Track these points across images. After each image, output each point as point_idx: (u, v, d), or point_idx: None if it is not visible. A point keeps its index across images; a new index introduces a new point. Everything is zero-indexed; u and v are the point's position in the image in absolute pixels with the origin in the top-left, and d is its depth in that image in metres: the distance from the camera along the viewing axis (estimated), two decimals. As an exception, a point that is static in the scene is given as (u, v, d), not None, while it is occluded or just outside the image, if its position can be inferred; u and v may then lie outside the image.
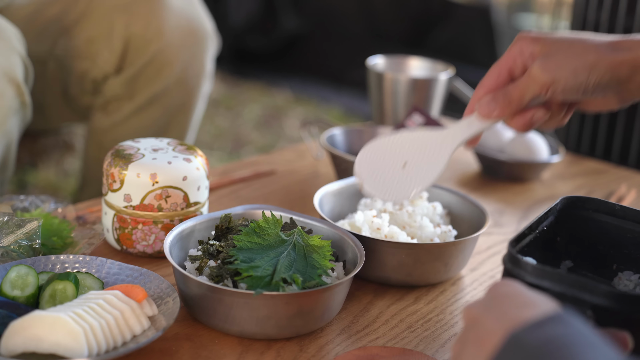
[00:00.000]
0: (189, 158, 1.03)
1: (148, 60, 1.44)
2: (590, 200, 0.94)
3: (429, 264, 1.00)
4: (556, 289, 0.75)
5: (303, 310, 0.87)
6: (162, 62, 1.45)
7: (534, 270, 0.77)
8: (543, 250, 0.89)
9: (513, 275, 0.79)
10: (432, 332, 0.94)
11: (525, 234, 0.87)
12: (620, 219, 0.93)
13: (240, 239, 0.91)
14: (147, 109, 1.48)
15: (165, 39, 1.43)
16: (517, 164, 1.39)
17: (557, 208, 0.93)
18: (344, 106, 3.39)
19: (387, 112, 1.48)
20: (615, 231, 0.93)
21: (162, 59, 1.44)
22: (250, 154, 2.85)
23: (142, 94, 1.47)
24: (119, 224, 1.02)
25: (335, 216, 1.12)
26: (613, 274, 0.93)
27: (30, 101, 1.26)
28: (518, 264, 0.78)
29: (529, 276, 0.77)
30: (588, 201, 0.94)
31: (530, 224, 0.88)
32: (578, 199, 0.94)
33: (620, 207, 0.93)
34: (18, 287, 0.85)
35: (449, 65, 1.52)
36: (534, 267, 0.77)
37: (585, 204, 0.94)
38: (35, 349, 0.78)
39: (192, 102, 1.52)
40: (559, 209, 0.93)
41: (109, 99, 1.47)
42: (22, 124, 1.28)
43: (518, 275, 0.78)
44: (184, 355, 0.85)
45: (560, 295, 0.74)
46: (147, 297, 0.86)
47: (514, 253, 0.79)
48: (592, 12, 1.61)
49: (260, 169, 1.37)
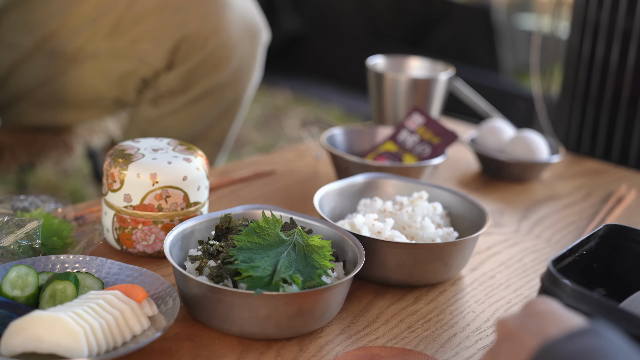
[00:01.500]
0: (189, 158, 1.03)
1: (205, 56, 1.45)
2: (633, 231, 0.93)
3: (429, 264, 1.00)
4: (593, 314, 0.74)
5: (303, 310, 0.87)
6: (220, 57, 1.46)
7: (572, 292, 0.76)
8: (578, 275, 0.88)
9: (550, 294, 0.78)
10: (432, 332, 0.94)
11: (566, 255, 0.86)
12: None
13: (240, 239, 0.91)
14: (200, 101, 1.50)
15: (223, 35, 1.45)
16: (517, 164, 1.39)
17: (600, 234, 0.92)
18: (344, 106, 3.39)
19: (387, 112, 1.48)
20: None
21: (219, 54, 1.46)
22: (250, 154, 2.85)
23: (196, 88, 1.48)
24: (119, 224, 1.02)
25: (335, 216, 1.12)
26: None
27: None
28: (557, 284, 0.78)
29: (567, 297, 0.77)
30: (631, 232, 0.93)
31: (572, 246, 0.87)
32: (622, 228, 0.93)
33: None
34: (18, 287, 0.85)
35: (449, 65, 1.52)
36: (572, 289, 0.76)
37: (629, 234, 0.93)
38: (35, 349, 0.78)
39: (243, 94, 1.55)
40: (601, 235, 0.92)
41: (162, 93, 1.49)
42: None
43: (555, 295, 0.78)
44: (184, 355, 0.85)
45: None
46: (147, 297, 0.86)
47: (554, 272, 0.79)
48: (592, 12, 1.61)
49: (260, 169, 1.37)
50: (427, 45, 3.51)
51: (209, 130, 1.53)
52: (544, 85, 1.70)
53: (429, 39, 3.54)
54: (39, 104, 1.53)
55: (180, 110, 1.49)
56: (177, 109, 1.49)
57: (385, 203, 1.09)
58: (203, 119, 1.51)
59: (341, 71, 3.60)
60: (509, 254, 1.15)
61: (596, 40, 1.61)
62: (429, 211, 1.08)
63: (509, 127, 1.47)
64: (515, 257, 1.14)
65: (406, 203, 1.08)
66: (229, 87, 1.50)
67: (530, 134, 1.42)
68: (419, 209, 1.07)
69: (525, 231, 1.23)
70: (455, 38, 3.47)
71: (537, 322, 0.63)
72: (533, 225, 1.26)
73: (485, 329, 0.96)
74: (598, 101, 1.64)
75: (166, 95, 1.49)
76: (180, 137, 1.47)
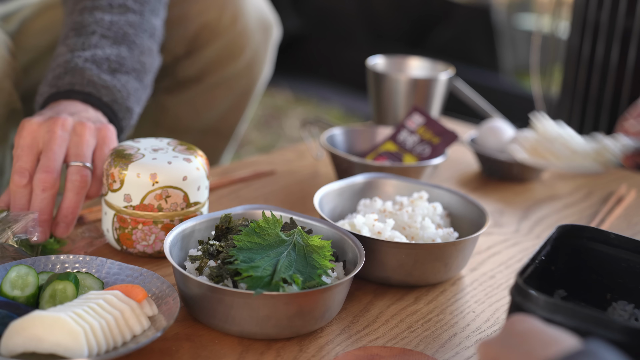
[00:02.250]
0: (189, 158, 1.03)
1: (223, 44, 1.48)
2: (585, 228, 0.93)
3: (429, 264, 1.00)
4: (569, 324, 0.72)
5: (303, 310, 0.87)
6: (237, 45, 1.49)
7: (545, 305, 0.74)
8: (538, 280, 0.86)
9: (522, 309, 0.76)
10: (432, 332, 0.94)
11: (529, 264, 0.84)
12: (615, 248, 0.91)
13: (240, 239, 0.91)
14: (213, 91, 1.52)
15: (240, 24, 1.48)
16: (517, 164, 1.39)
17: (553, 237, 0.91)
18: (344, 106, 3.39)
19: (387, 112, 1.48)
20: (609, 260, 0.91)
21: (237, 43, 1.49)
22: (250, 154, 2.85)
23: (212, 76, 1.51)
24: (119, 224, 1.02)
25: (336, 216, 1.12)
26: (607, 303, 0.92)
27: (22, 107, 1.26)
28: (528, 297, 0.76)
29: (540, 310, 0.74)
30: (583, 230, 0.93)
31: (533, 255, 0.86)
32: (573, 227, 0.93)
33: (616, 236, 0.91)
34: (18, 287, 0.85)
35: (449, 65, 1.52)
36: (546, 301, 0.74)
37: (581, 233, 0.93)
38: (35, 349, 0.78)
39: (255, 87, 1.57)
40: (555, 237, 0.91)
41: (180, 80, 1.51)
42: (15, 129, 1.28)
43: (528, 309, 0.75)
44: (184, 355, 0.85)
45: (574, 330, 0.71)
46: (147, 297, 0.86)
47: (522, 286, 0.76)
48: (592, 12, 1.61)
49: (260, 169, 1.37)
50: (427, 45, 3.51)
51: (219, 122, 1.55)
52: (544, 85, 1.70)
53: (429, 39, 3.54)
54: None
55: (194, 99, 1.52)
56: (191, 97, 1.52)
57: (385, 203, 1.09)
58: (214, 109, 1.53)
59: (341, 71, 3.60)
60: (509, 254, 1.15)
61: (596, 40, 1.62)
62: (429, 211, 1.08)
63: (509, 127, 1.47)
64: (515, 257, 1.14)
65: (406, 203, 1.08)
66: (241, 77, 1.53)
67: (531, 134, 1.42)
68: (419, 209, 1.07)
69: (525, 231, 1.23)
70: (455, 38, 3.47)
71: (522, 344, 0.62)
72: (533, 225, 1.26)
73: (485, 329, 0.96)
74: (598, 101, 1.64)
75: (182, 82, 1.51)
76: (191, 128, 1.49)
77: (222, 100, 1.53)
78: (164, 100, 1.52)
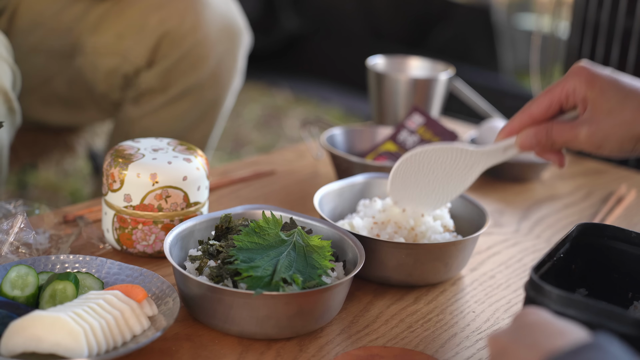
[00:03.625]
0: (189, 158, 1.03)
1: (183, 53, 1.45)
2: (606, 227, 0.92)
3: (429, 264, 1.00)
4: (582, 318, 0.73)
5: (303, 310, 0.87)
6: (197, 56, 1.46)
7: (558, 299, 0.75)
8: (557, 278, 0.87)
9: (536, 303, 0.76)
10: (432, 332, 0.94)
11: (545, 261, 0.84)
12: (636, 247, 0.90)
13: (240, 239, 0.91)
14: (179, 101, 1.49)
15: (201, 33, 1.44)
16: (517, 164, 1.39)
17: (573, 235, 0.91)
18: (344, 106, 3.39)
19: (387, 112, 1.48)
20: (631, 259, 0.90)
21: (198, 52, 1.46)
22: (250, 154, 2.85)
23: (175, 87, 1.48)
24: (119, 224, 1.02)
25: (336, 216, 1.12)
26: (629, 302, 0.91)
27: (19, 107, 1.26)
28: (541, 291, 0.76)
29: (553, 304, 0.75)
30: (604, 228, 0.92)
31: (549, 251, 0.86)
32: (594, 225, 0.92)
33: (637, 234, 0.90)
34: (18, 287, 0.85)
35: (449, 65, 1.52)
36: (558, 295, 0.75)
37: (601, 231, 0.92)
38: (35, 349, 0.78)
39: (223, 97, 1.54)
40: (575, 236, 0.91)
41: (143, 91, 1.49)
42: (11, 130, 1.28)
43: (542, 303, 0.76)
44: (184, 355, 0.85)
45: (587, 324, 0.71)
46: (147, 297, 0.86)
47: (537, 280, 0.77)
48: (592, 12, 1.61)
49: (260, 169, 1.37)
50: (427, 45, 3.51)
51: (188, 134, 1.52)
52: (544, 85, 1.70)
53: (429, 39, 3.54)
54: (41, 103, 1.53)
55: (160, 110, 1.49)
56: (157, 108, 1.49)
57: (385, 203, 1.08)
58: (182, 120, 1.50)
59: (341, 71, 3.60)
60: (509, 254, 1.15)
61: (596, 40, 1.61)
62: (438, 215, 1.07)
63: (509, 127, 1.46)
64: (515, 257, 1.14)
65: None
66: (207, 87, 1.49)
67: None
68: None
69: (525, 231, 1.23)
70: (455, 38, 3.47)
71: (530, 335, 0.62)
72: (533, 225, 1.26)
73: (485, 329, 0.96)
74: (598, 101, 1.64)
75: (146, 94, 1.48)
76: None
77: (189, 111, 1.50)
78: (131, 111, 1.50)
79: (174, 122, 1.50)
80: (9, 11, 1.44)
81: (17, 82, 1.27)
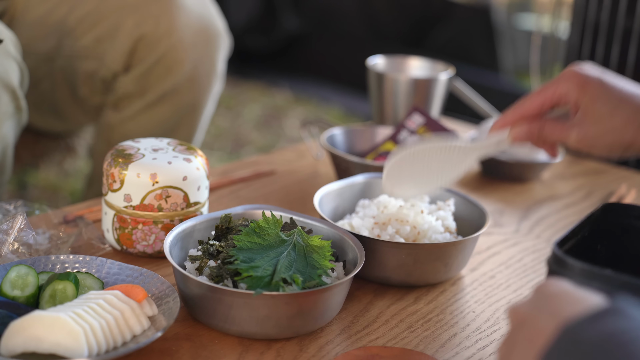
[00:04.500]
0: (189, 158, 1.03)
1: (159, 57, 1.44)
2: (632, 207, 0.91)
3: (429, 264, 1.00)
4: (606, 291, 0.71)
5: (303, 310, 0.87)
6: (173, 60, 1.44)
7: (581, 272, 0.74)
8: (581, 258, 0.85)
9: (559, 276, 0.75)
10: (432, 332, 0.94)
11: (569, 237, 0.83)
12: None
13: (240, 239, 0.91)
14: (157, 106, 1.48)
15: (176, 36, 1.43)
16: (517, 164, 1.39)
17: (598, 215, 0.89)
18: (344, 106, 3.39)
19: (387, 112, 1.48)
20: None
21: (173, 56, 1.44)
22: (250, 154, 2.85)
23: (152, 91, 1.47)
24: (119, 224, 1.02)
25: (336, 216, 1.12)
26: None
27: (26, 106, 1.27)
28: (565, 265, 0.75)
29: (577, 277, 0.74)
30: (630, 208, 0.91)
31: (573, 228, 0.85)
32: (620, 206, 0.91)
33: None
34: (18, 287, 0.85)
35: (449, 65, 1.52)
36: (581, 269, 0.74)
37: (628, 212, 0.91)
38: (35, 349, 0.78)
39: (202, 101, 1.52)
40: (599, 216, 0.90)
41: (121, 96, 1.48)
42: (17, 128, 1.28)
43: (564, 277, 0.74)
44: (184, 355, 0.85)
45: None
46: (147, 297, 0.86)
47: (560, 254, 0.76)
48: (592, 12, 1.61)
49: (260, 169, 1.37)
50: (427, 45, 3.51)
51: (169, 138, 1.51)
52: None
53: (429, 39, 3.54)
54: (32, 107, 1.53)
55: (138, 116, 1.48)
56: (135, 113, 1.48)
57: (384, 201, 1.08)
58: (162, 125, 1.49)
59: (341, 71, 3.60)
60: (509, 254, 1.15)
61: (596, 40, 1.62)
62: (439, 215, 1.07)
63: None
64: (515, 257, 1.14)
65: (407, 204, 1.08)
66: (185, 91, 1.48)
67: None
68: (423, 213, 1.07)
69: (525, 231, 1.23)
70: (455, 38, 3.47)
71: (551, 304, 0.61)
72: (533, 225, 1.26)
73: (485, 329, 0.96)
74: (598, 101, 1.64)
75: (124, 98, 1.47)
76: None
77: (168, 115, 1.49)
78: (110, 116, 1.50)
79: (154, 126, 1.48)
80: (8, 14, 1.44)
81: (25, 80, 1.27)
